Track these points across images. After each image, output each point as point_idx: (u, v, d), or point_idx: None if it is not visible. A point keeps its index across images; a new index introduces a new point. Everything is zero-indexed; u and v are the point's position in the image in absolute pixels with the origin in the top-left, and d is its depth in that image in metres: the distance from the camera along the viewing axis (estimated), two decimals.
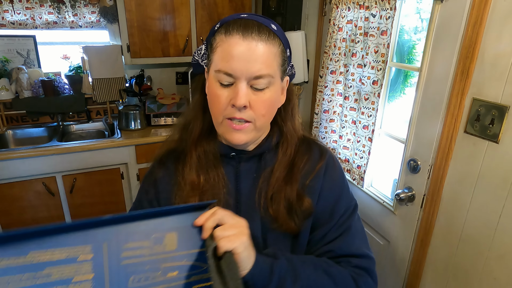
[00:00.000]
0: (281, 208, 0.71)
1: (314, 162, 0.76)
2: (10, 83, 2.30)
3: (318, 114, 1.92)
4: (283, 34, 0.67)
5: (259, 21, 0.63)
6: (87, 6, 2.41)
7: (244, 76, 0.62)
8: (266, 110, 0.66)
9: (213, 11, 2.48)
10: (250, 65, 0.61)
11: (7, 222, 2.21)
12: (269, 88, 0.64)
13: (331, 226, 0.73)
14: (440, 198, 1.32)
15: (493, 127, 1.08)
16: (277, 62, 0.64)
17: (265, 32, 0.62)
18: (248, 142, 0.70)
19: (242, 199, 0.74)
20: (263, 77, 0.62)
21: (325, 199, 0.75)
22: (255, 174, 0.74)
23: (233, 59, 0.61)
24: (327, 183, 0.75)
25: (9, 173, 2.08)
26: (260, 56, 0.61)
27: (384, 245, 1.65)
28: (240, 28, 0.61)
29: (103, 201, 2.42)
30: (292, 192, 0.71)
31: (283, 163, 0.73)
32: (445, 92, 1.24)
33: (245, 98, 0.62)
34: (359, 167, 1.70)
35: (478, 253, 1.20)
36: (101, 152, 2.27)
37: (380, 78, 1.51)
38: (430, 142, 1.33)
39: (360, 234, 0.77)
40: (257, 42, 0.61)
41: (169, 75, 2.83)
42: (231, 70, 0.61)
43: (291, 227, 0.71)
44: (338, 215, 0.74)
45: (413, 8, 1.77)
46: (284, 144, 0.75)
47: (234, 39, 0.61)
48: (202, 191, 0.72)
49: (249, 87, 0.63)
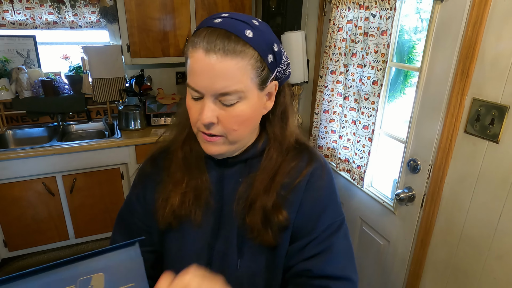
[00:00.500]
0: (256, 219, 0.67)
1: (298, 171, 0.70)
2: (10, 83, 2.30)
3: (318, 114, 1.92)
4: (264, 39, 0.60)
5: (229, 29, 0.57)
6: (87, 6, 2.41)
7: (209, 93, 0.59)
8: (238, 125, 0.62)
9: (213, 11, 2.48)
10: (214, 83, 0.57)
11: (7, 222, 2.21)
12: (240, 103, 0.60)
13: (310, 239, 0.68)
14: (440, 198, 1.32)
15: (493, 127, 1.08)
16: (248, 76, 0.59)
17: (231, 45, 0.56)
18: (223, 154, 0.67)
19: (224, 204, 0.72)
20: (230, 94, 0.58)
21: (306, 211, 0.70)
22: (240, 179, 0.72)
23: (196, 75, 0.58)
24: (310, 194, 0.70)
25: (9, 173, 2.08)
26: (225, 73, 0.56)
27: (384, 245, 1.65)
28: (204, 41, 0.56)
29: (103, 201, 2.42)
30: (269, 202, 0.67)
31: (266, 171, 0.69)
32: (445, 92, 1.24)
33: (211, 114, 0.59)
34: (359, 167, 1.70)
35: (478, 253, 1.20)
36: (101, 152, 2.27)
37: (380, 78, 1.51)
38: (430, 142, 1.33)
39: (345, 253, 0.70)
40: (221, 57, 0.56)
41: (169, 75, 2.83)
42: (196, 86, 0.59)
43: (266, 239, 0.68)
44: (319, 230, 0.69)
45: (413, 8, 1.77)
46: (270, 151, 0.70)
47: (198, 54, 0.57)
48: (184, 191, 0.71)
49: (218, 102, 0.60)
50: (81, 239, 2.46)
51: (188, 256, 0.73)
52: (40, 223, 2.29)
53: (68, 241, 2.42)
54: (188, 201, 0.71)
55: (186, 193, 0.71)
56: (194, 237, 0.73)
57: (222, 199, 0.72)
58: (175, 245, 0.75)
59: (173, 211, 0.70)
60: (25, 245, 2.32)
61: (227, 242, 0.71)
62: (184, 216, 0.71)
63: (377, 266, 1.71)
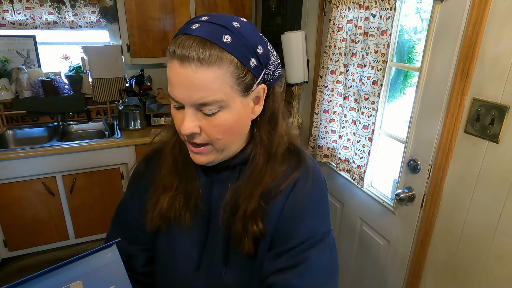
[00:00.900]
0: (238, 228, 0.65)
1: (284, 177, 0.67)
2: (10, 83, 2.30)
3: (318, 114, 1.92)
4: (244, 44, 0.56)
5: (205, 36, 0.54)
6: (87, 6, 2.41)
7: (188, 103, 0.57)
8: (222, 134, 0.60)
9: (213, 11, 2.49)
10: (191, 94, 0.55)
11: (7, 222, 2.21)
12: (222, 112, 0.57)
13: (285, 250, 0.63)
14: (440, 198, 1.32)
15: (493, 127, 1.08)
16: (227, 84, 0.56)
17: (206, 53, 0.53)
18: (212, 162, 0.65)
19: (213, 208, 0.70)
20: (209, 104, 0.56)
21: (285, 220, 0.65)
22: (229, 184, 0.69)
23: (174, 86, 0.56)
24: (291, 202, 0.65)
25: (9, 173, 2.09)
26: (201, 83, 0.54)
27: (384, 245, 1.65)
28: (178, 51, 0.54)
29: (103, 201, 2.42)
30: (248, 211, 0.64)
31: (252, 177, 0.66)
32: (445, 92, 1.24)
33: (192, 125, 0.58)
34: (359, 167, 1.70)
35: (478, 253, 1.19)
36: (101, 152, 2.27)
37: (380, 78, 1.51)
38: (430, 142, 1.33)
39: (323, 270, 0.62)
40: (196, 68, 0.53)
41: None
42: (174, 96, 0.57)
43: (246, 248, 0.65)
44: (297, 241, 0.62)
45: (413, 8, 1.77)
46: (256, 156, 0.67)
47: (173, 65, 0.55)
48: (174, 194, 0.70)
49: (199, 111, 0.58)
50: (81, 239, 2.46)
51: (178, 258, 0.73)
52: (40, 223, 2.29)
53: (68, 241, 2.43)
54: (178, 203, 0.70)
55: (176, 196, 0.70)
56: (184, 241, 0.73)
57: (210, 204, 0.71)
58: (165, 248, 0.75)
59: (161, 214, 0.70)
60: (25, 245, 2.32)
61: (215, 248, 0.71)
62: (173, 219, 0.71)
63: (377, 266, 1.71)
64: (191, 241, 0.72)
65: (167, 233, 0.73)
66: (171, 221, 0.71)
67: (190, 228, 0.71)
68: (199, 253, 0.72)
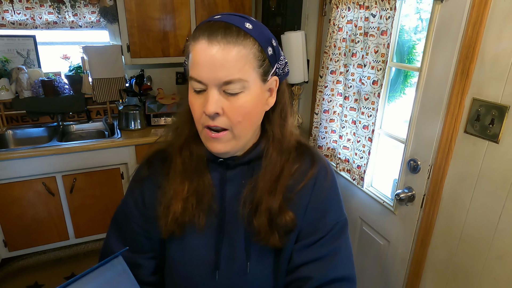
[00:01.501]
0: (263, 221, 0.67)
1: (303, 173, 0.71)
2: (10, 83, 2.30)
3: (318, 114, 1.92)
4: (262, 32, 0.62)
5: (229, 21, 0.59)
6: (87, 6, 2.41)
7: (212, 83, 0.59)
8: (243, 117, 0.62)
9: (213, 11, 2.49)
10: (217, 71, 0.58)
11: (7, 222, 2.21)
12: (244, 93, 0.60)
13: (316, 238, 0.69)
14: (440, 198, 1.32)
15: (493, 127, 1.08)
16: (250, 65, 0.59)
17: (233, 34, 0.58)
18: (228, 152, 0.66)
19: (227, 207, 0.71)
20: (233, 82, 0.59)
21: (312, 213, 0.70)
22: (242, 181, 0.71)
23: (200, 66, 0.59)
24: (315, 196, 0.70)
25: (9, 173, 2.09)
26: (228, 60, 0.57)
27: (384, 245, 1.65)
28: (206, 33, 0.58)
29: (103, 201, 2.42)
30: (275, 205, 0.67)
31: (268, 172, 0.69)
32: (445, 92, 1.24)
33: (215, 105, 0.59)
34: (359, 167, 1.70)
35: (478, 253, 1.19)
36: (101, 152, 2.27)
37: (380, 78, 1.51)
38: (430, 142, 1.33)
39: (348, 254, 0.71)
40: (223, 46, 0.57)
41: (169, 75, 2.83)
42: (199, 77, 0.59)
43: (273, 241, 0.67)
44: (326, 229, 0.69)
45: (413, 8, 1.77)
46: (269, 150, 0.69)
47: (200, 45, 0.58)
48: (186, 196, 0.69)
49: (222, 92, 0.60)
50: (81, 239, 2.46)
51: (195, 262, 0.72)
52: (40, 223, 2.29)
53: (68, 241, 2.42)
54: (191, 205, 0.69)
55: (188, 198, 0.70)
56: (198, 242, 0.71)
57: (224, 202, 0.71)
58: (179, 253, 0.73)
59: (176, 218, 0.69)
60: (25, 245, 2.32)
61: (234, 246, 0.70)
62: (187, 222, 0.70)
63: (377, 266, 1.71)
64: (207, 243, 0.71)
65: (181, 237, 0.72)
66: (186, 224, 0.70)
67: (204, 229, 0.71)
68: (216, 254, 0.71)
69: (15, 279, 2.20)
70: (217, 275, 0.70)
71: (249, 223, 0.68)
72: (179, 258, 0.73)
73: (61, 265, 2.33)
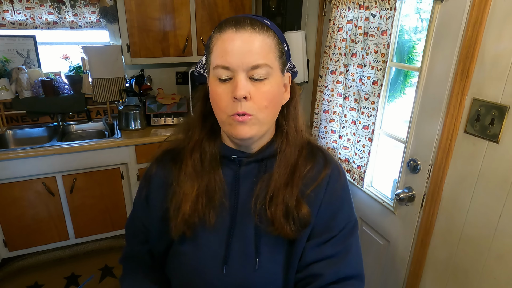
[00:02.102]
0: (278, 212, 0.69)
1: (317, 171, 0.74)
2: (10, 83, 2.30)
3: (318, 114, 1.92)
4: (278, 30, 0.68)
5: (251, 16, 0.65)
6: (87, 6, 2.41)
7: (241, 68, 0.62)
8: (268, 102, 0.65)
9: (213, 11, 2.48)
10: (245, 56, 0.61)
11: (7, 222, 2.21)
12: (268, 80, 0.64)
13: (329, 237, 0.72)
14: (440, 198, 1.32)
15: (493, 127, 1.08)
16: (273, 53, 0.65)
17: (258, 25, 0.63)
18: (253, 137, 0.68)
19: (240, 203, 0.73)
20: (260, 67, 0.62)
21: (325, 211, 0.73)
22: (254, 179, 0.73)
23: (228, 53, 0.62)
24: (329, 195, 0.73)
25: (9, 173, 2.08)
26: (255, 47, 0.62)
27: (384, 245, 1.65)
28: (233, 23, 0.63)
29: (103, 201, 2.42)
30: (292, 197, 0.70)
31: (283, 165, 0.71)
32: (445, 92, 1.24)
33: (245, 89, 0.62)
34: (359, 167, 1.70)
35: (478, 253, 1.20)
36: (101, 152, 2.27)
37: (380, 78, 1.51)
38: (430, 142, 1.33)
39: (360, 254, 0.75)
40: (250, 33, 0.62)
41: (169, 75, 2.83)
42: (227, 63, 0.62)
43: (287, 232, 0.70)
44: (338, 229, 0.72)
45: (413, 8, 1.77)
46: (283, 144, 0.73)
47: (228, 34, 0.62)
48: (195, 197, 0.71)
49: (248, 78, 0.63)
50: (81, 239, 2.46)
51: (204, 256, 0.73)
52: (40, 223, 2.29)
53: (68, 241, 2.42)
54: (201, 205, 0.71)
55: (197, 198, 0.71)
56: (209, 238, 0.73)
57: (237, 198, 0.73)
58: (190, 247, 0.74)
59: (185, 220, 0.70)
60: (25, 245, 2.32)
61: (244, 241, 0.72)
62: (198, 221, 0.71)
63: (377, 266, 1.71)
64: (218, 238, 0.73)
65: (192, 235, 0.73)
66: (196, 224, 0.72)
67: (215, 225, 0.72)
68: (227, 248, 0.72)
69: (15, 279, 2.20)
70: (225, 269, 0.72)
71: (261, 218, 0.71)
72: (190, 252, 0.74)
73: (61, 265, 2.33)
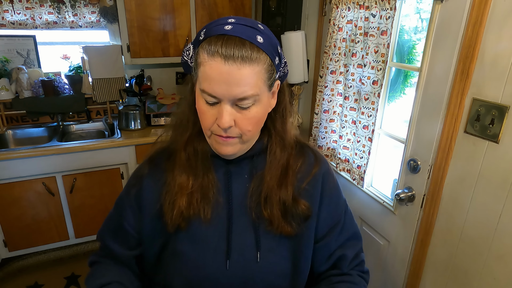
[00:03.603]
0: (275, 211, 0.71)
1: (309, 166, 0.77)
2: (10, 83, 2.30)
3: (318, 114, 1.92)
4: (271, 43, 0.63)
5: (243, 36, 0.59)
6: (87, 6, 2.41)
7: (227, 98, 0.61)
8: (252, 126, 0.65)
9: (213, 11, 2.48)
10: (232, 89, 0.59)
11: (7, 222, 2.21)
12: (255, 105, 0.63)
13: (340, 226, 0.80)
14: (440, 198, 1.32)
15: (493, 127, 1.08)
16: (262, 80, 0.62)
17: (248, 52, 0.59)
18: (236, 154, 0.70)
19: (234, 200, 0.74)
20: (247, 98, 0.61)
21: (328, 202, 0.78)
22: (246, 176, 0.75)
23: (215, 82, 0.60)
24: (327, 186, 0.78)
25: (9, 173, 2.08)
26: (243, 79, 0.59)
27: (384, 245, 1.65)
28: (222, 50, 0.58)
29: (103, 201, 2.42)
30: (288, 196, 0.72)
31: (274, 165, 0.73)
32: (445, 92, 1.24)
33: (229, 118, 0.62)
34: (359, 167, 1.70)
35: (478, 253, 1.19)
36: (101, 152, 2.27)
37: (380, 78, 1.51)
38: (430, 142, 1.33)
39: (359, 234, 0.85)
40: (239, 65, 0.58)
41: (169, 75, 2.83)
42: (214, 92, 0.60)
43: (287, 230, 0.73)
44: (342, 215, 0.80)
45: (413, 8, 1.77)
46: (272, 146, 0.74)
47: (216, 63, 0.58)
48: (191, 191, 0.72)
49: (235, 106, 0.62)
50: (81, 239, 2.46)
51: (205, 251, 0.73)
52: (40, 223, 2.29)
53: (68, 241, 2.42)
54: (195, 200, 0.72)
55: (192, 193, 0.72)
56: (207, 233, 0.73)
57: (231, 195, 0.74)
58: (189, 243, 0.74)
59: (181, 212, 0.71)
60: (25, 245, 2.32)
61: (243, 236, 0.73)
62: (192, 215, 0.72)
63: (377, 266, 1.71)
64: (216, 233, 0.73)
65: (188, 231, 0.73)
66: (191, 217, 0.72)
67: (210, 221, 0.73)
68: (228, 243, 0.73)
69: (15, 279, 2.20)
70: (228, 264, 0.72)
71: (257, 215, 0.73)
72: (190, 249, 0.74)
73: (61, 265, 2.33)
